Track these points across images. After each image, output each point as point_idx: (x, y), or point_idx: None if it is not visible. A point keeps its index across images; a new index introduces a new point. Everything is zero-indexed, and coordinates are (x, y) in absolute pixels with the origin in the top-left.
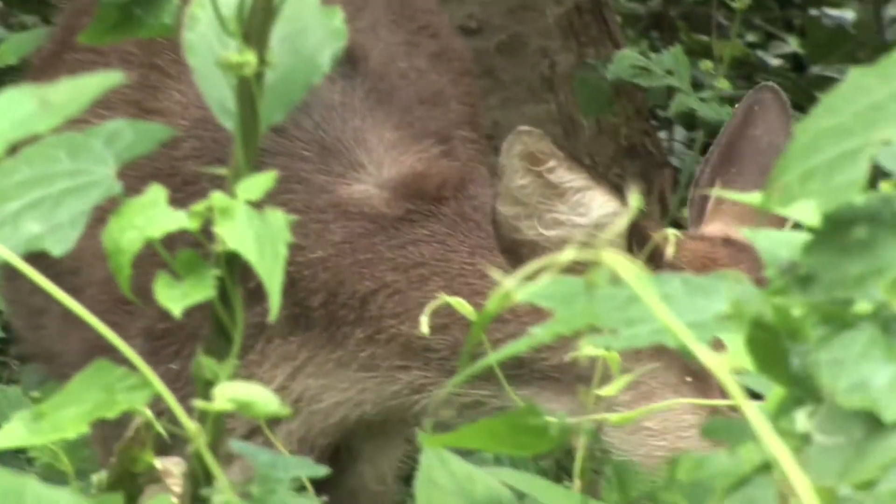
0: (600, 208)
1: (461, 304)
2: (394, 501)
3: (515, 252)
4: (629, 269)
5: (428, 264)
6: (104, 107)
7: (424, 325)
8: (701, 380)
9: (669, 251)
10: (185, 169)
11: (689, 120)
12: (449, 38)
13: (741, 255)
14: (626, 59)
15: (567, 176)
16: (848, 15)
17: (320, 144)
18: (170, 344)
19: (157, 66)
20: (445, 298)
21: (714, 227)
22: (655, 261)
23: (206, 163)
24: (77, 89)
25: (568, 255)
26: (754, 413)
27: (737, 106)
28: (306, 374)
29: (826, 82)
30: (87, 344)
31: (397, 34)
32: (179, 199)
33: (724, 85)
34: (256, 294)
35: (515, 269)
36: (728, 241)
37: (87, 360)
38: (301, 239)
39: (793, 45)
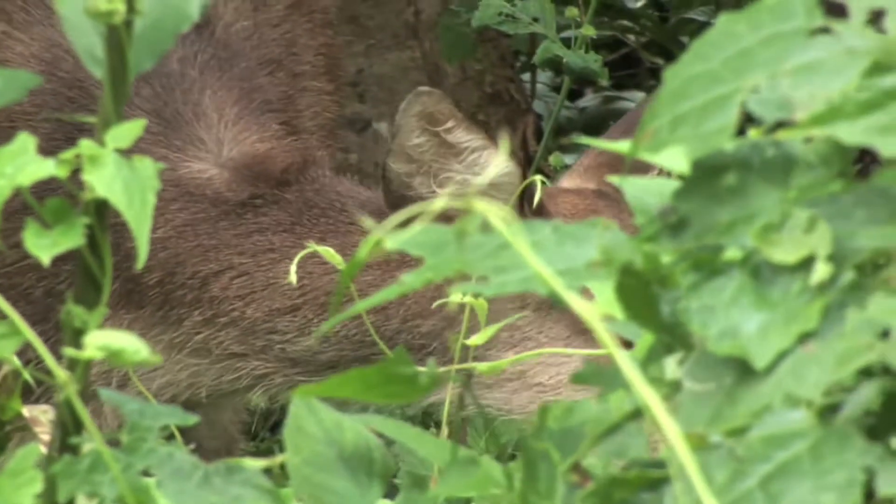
0: (495, 168)
1: (329, 253)
2: (241, 451)
3: (403, 205)
4: (500, 216)
5: (278, 250)
6: None
7: (293, 275)
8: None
9: (537, 198)
10: (24, 124)
11: (554, 66)
12: None
13: (620, 205)
14: (492, 7)
15: (465, 136)
16: None
17: (159, 115)
18: None
19: (4, 12)
20: (314, 247)
21: (580, 181)
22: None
23: (45, 117)
24: None
25: (440, 202)
26: (624, 360)
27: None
28: None
29: (690, 25)
30: None
31: None
32: None
33: (589, 32)
34: None
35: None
36: (601, 193)
37: None
38: None
39: None
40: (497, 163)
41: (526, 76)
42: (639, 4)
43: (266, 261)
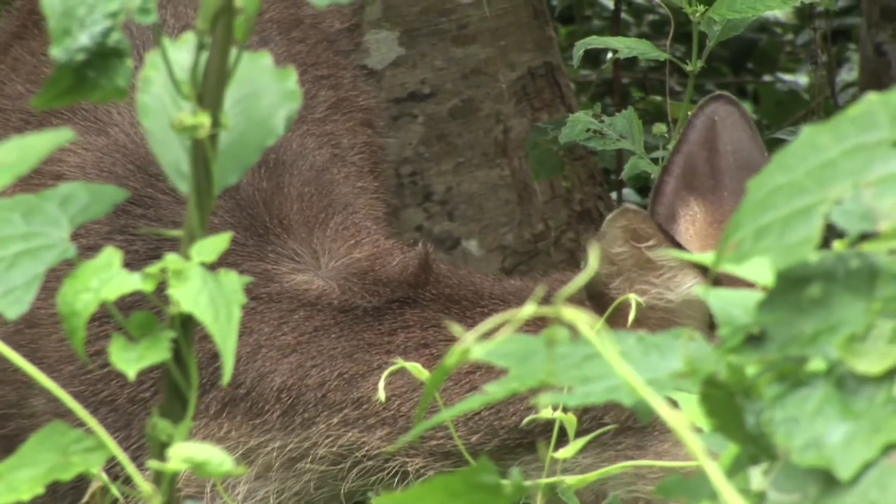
0: (689, 286)
1: (417, 369)
2: None
3: (600, 301)
4: (589, 325)
5: (433, 345)
6: None
7: (381, 392)
8: None
9: (631, 316)
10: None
11: (642, 182)
12: (351, 90)
13: None
14: (579, 123)
15: (665, 255)
16: (801, 80)
17: (247, 229)
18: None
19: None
20: (402, 364)
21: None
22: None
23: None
24: (26, 148)
25: (527, 311)
26: (713, 470)
27: (689, 115)
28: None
29: (780, 144)
30: None
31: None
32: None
33: None
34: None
35: (599, 314)
36: None
37: None
38: (258, 325)
39: (746, 110)
40: (690, 282)
41: (614, 194)
42: None
43: (423, 357)
